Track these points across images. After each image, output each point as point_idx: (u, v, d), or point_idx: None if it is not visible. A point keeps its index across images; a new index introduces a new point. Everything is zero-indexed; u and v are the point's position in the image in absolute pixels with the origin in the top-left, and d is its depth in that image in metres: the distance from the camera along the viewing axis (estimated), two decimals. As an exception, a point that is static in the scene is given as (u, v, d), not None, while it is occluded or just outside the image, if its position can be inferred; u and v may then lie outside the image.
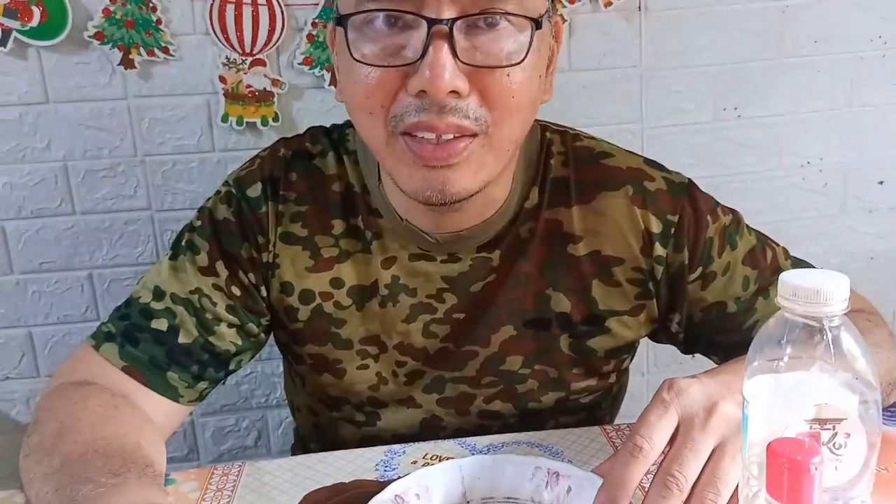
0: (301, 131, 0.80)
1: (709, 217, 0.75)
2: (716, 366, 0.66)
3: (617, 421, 0.89)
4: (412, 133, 0.61)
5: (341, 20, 0.61)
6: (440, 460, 0.68)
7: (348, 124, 0.78)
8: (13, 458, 0.64)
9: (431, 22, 0.57)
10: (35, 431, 0.64)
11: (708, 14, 1.29)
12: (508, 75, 0.60)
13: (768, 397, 0.44)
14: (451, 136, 0.60)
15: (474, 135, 0.61)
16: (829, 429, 0.43)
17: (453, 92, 0.58)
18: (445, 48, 0.57)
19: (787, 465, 0.37)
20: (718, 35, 1.30)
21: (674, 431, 0.52)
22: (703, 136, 1.35)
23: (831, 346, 0.42)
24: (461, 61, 0.58)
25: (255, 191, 0.74)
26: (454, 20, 0.57)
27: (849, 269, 1.42)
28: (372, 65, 0.60)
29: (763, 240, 0.79)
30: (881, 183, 1.41)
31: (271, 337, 0.81)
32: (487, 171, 0.64)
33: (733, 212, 0.78)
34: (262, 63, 1.21)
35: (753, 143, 1.36)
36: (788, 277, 0.42)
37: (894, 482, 0.61)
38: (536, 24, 0.60)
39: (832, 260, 1.42)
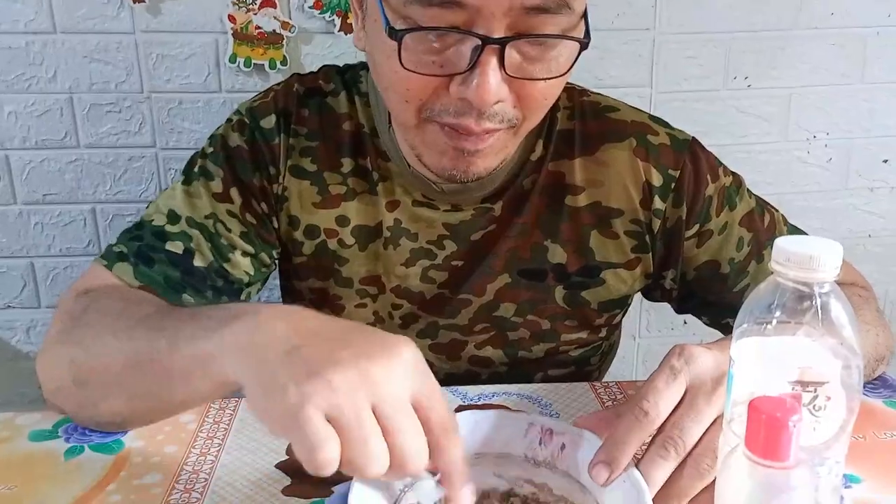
0: None
1: (709, 175, 0.76)
2: (721, 334, 0.67)
3: (605, 380, 0.91)
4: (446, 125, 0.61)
5: (392, 32, 0.58)
6: (432, 406, 0.70)
7: (362, 66, 0.78)
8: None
9: (485, 40, 0.56)
10: (88, 309, 0.64)
11: (725, -20, 1.28)
12: (546, 82, 0.61)
13: (754, 358, 0.45)
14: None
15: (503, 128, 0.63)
16: (811, 391, 0.44)
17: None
18: (495, 63, 0.57)
19: (767, 420, 0.38)
20: (734, 3, 1.29)
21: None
22: (712, 104, 1.35)
23: (819, 312, 0.43)
24: (507, 73, 0.58)
25: (268, 122, 0.75)
26: (506, 40, 0.56)
27: (846, 245, 1.41)
28: (419, 73, 0.59)
29: (762, 204, 0.80)
30: (886, 161, 1.41)
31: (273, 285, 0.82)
32: (508, 151, 0.67)
33: (734, 174, 0.79)
34: (272, 4, 1.20)
35: (762, 113, 1.36)
36: (783, 243, 0.43)
37: (871, 450, 0.62)
38: (584, 45, 0.60)
39: (830, 236, 1.39)
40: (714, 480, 0.49)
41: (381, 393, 0.43)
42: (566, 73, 0.61)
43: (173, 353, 0.52)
